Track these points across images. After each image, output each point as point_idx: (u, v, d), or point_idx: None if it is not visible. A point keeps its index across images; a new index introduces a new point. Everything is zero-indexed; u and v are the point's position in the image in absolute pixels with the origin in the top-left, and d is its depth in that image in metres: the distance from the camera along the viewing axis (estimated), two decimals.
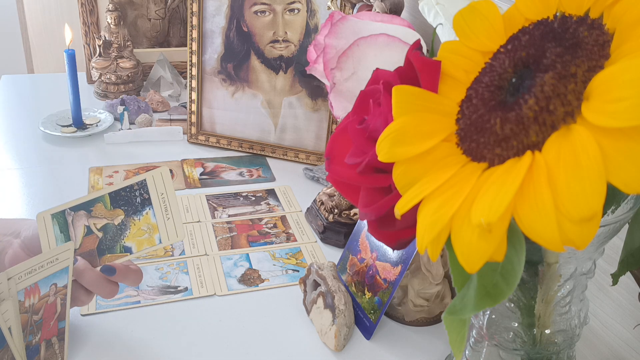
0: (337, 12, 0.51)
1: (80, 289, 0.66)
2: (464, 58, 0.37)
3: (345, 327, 0.73)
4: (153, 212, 0.66)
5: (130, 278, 0.66)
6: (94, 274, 0.64)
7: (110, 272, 0.65)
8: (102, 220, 0.66)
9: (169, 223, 0.66)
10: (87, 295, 0.66)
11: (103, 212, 0.66)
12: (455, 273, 0.34)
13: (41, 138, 1.20)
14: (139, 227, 0.66)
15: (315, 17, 1.10)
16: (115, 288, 0.66)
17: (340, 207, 0.93)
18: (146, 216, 0.66)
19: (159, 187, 0.66)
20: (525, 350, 0.50)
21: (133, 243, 0.66)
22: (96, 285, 0.65)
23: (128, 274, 0.66)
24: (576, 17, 0.32)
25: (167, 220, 0.66)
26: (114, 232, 0.66)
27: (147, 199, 0.66)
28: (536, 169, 0.28)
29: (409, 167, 0.34)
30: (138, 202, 0.66)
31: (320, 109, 1.13)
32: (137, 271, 0.67)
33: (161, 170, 0.66)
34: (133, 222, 0.66)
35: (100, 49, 1.35)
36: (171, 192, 0.66)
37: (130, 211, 0.66)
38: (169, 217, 0.66)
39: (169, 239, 0.66)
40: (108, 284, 0.65)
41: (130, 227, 0.66)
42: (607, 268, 0.67)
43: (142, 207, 0.66)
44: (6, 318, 0.58)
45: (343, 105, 0.50)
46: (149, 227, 0.66)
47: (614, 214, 0.40)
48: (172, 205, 0.66)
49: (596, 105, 0.28)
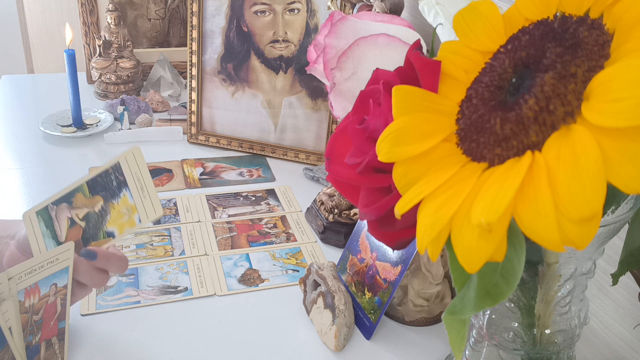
0: (337, 12, 0.51)
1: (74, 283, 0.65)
2: (464, 58, 0.37)
3: (345, 327, 0.73)
4: (130, 193, 0.65)
5: (114, 263, 0.65)
6: (82, 265, 0.64)
7: (91, 256, 0.64)
8: (83, 209, 0.66)
9: (146, 201, 0.65)
10: (80, 288, 0.66)
11: (83, 202, 0.66)
12: (455, 273, 0.34)
13: (41, 138, 1.20)
14: (118, 210, 0.65)
15: (315, 17, 1.10)
16: (105, 276, 0.65)
17: (340, 207, 0.93)
18: (124, 198, 0.65)
19: (132, 167, 0.65)
20: (525, 350, 0.50)
21: (115, 227, 0.65)
22: (83, 273, 0.64)
23: (111, 259, 0.65)
24: (576, 17, 0.32)
25: (144, 199, 0.65)
26: (95, 220, 0.66)
27: (122, 181, 0.65)
28: (536, 169, 0.28)
29: (409, 167, 0.34)
30: (115, 185, 0.65)
31: (320, 109, 1.13)
32: (121, 257, 0.66)
33: (133, 150, 0.65)
34: (112, 206, 0.65)
35: (100, 49, 1.35)
36: (145, 171, 0.65)
37: (108, 196, 0.65)
38: (145, 196, 0.65)
39: (148, 217, 0.65)
40: (96, 272, 0.64)
41: (110, 212, 0.65)
42: (607, 268, 0.67)
43: (119, 190, 0.65)
44: (6, 318, 0.58)
45: (343, 105, 0.50)
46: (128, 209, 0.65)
47: (614, 214, 0.40)
48: (147, 183, 0.65)
49: (596, 105, 0.28)
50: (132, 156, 0.65)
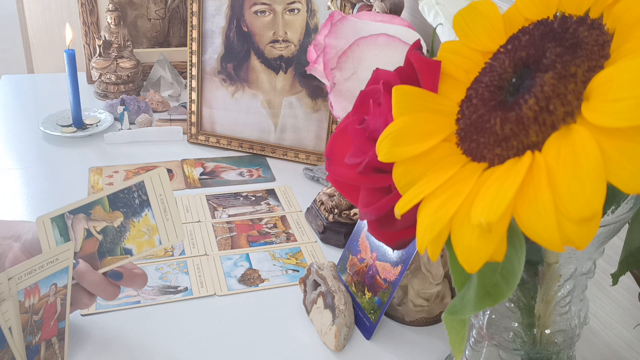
0: (337, 12, 0.51)
1: (82, 292, 0.66)
2: (464, 58, 0.37)
3: (345, 327, 0.73)
4: (152, 213, 0.66)
5: (136, 282, 0.67)
6: (96, 276, 0.65)
7: (118, 277, 0.65)
8: (101, 222, 0.66)
9: (168, 224, 0.66)
10: (89, 297, 0.67)
11: (102, 215, 0.66)
12: (455, 273, 0.34)
13: (41, 138, 1.20)
14: (138, 228, 0.66)
15: (315, 17, 1.10)
16: (117, 290, 0.66)
17: (340, 207, 0.93)
18: (145, 218, 0.66)
19: (157, 189, 0.66)
20: (525, 350, 0.50)
21: (133, 245, 0.66)
22: (98, 287, 0.65)
23: (134, 279, 0.66)
24: (576, 17, 0.32)
25: (167, 221, 0.65)
26: (113, 235, 0.66)
27: (145, 201, 0.66)
28: (536, 169, 0.28)
29: (409, 167, 0.34)
30: (137, 203, 0.66)
31: (320, 109, 1.13)
32: (142, 275, 0.67)
33: (159, 171, 0.66)
34: (132, 224, 0.66)
35: (100, 49, 1.35)
36: (169, 193, 0.66)
37: (129, 213, 0.66)
38: (168, 219, 0.65)
39: (169, 240, 0.66)
40: (110, 286, 0.65)
41: (130, 229, 0.66)
42: (607, 268, 0.67)
43: (141, 209, 0.66)
44: (6, 318, 0.58)
45: (343, 105, 0.50)
46: (149, 229, 0.66)
47: (614, 214, 0.40)
48: (170, 206, 0.66)
49: (596, 105, 0.28)
50: (158, 177, 0.66)
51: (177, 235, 0.66)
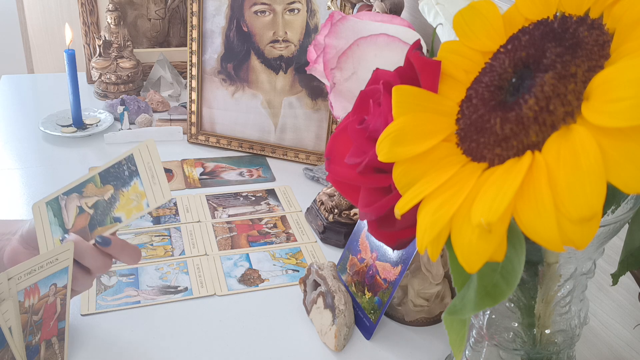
0: (337, 12, 0.51)
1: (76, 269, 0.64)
2: (464, 58, 0.37)
3: (345, 327, 0.73)
4: (140, 181, 0.66)
5: (127, 253, 0.65)
6: (84, 245, 0.63)
7: (106, 243, 0.63)
8: (93, 198, 0.67)
9: (155, 187, 0.65)
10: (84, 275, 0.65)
11: (94, 191, 0.67)
12: (455, 273, 0.34)
13: (41, 138, 1.20)
14: (127, 197, 0.66)
15: (315, 17, 1.10)
16: (109, 261, 0.65)
17: (340, 207, 0.93)
18: (134, 186, 0.66)
19: (145, 159, 0.66)
20: (525, 350, 0.50)
21: (122, 213, 0.66)
22: (89, 257, 0.63)
23: (125, 248, 0.65)
24: (576, 17, 0.32)
25: (154, 185, 0.65)
26: (104, 207, 0.66)
27: (134, 171, 0.66)
28: (536, 169, 0.28)
29: (409, 167, 0.34)
30: (126, 175, 0.66)
31: (320, 109, 1.13)
32: (134, 247, 0.66)
33: (147, 143, 0.66)
34: (122, 194, 0.66)
35: (100, 49, 1.35)
36: (157, 160, 0.66)
37: (119, 185, 0.66)
38: (155, 183, 0.65)
39: (156, 201, 0.65)
40: (100, 256, 0.64)
41: (119, 199, 0.66)
42: (607, 268, 0.67)
43: (130, 179, 0.66)
44: (6, 318, 0.58)
45: (343, 105, 0.50)
46: (137, 195, 0.65)
47: (614, 214, 0.40)
48: (158, 171, 0.66)
49: (596, 105, 0.28)
50: (146, 148, 0.66)
51: (164, 195, 0.65)
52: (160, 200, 0.65)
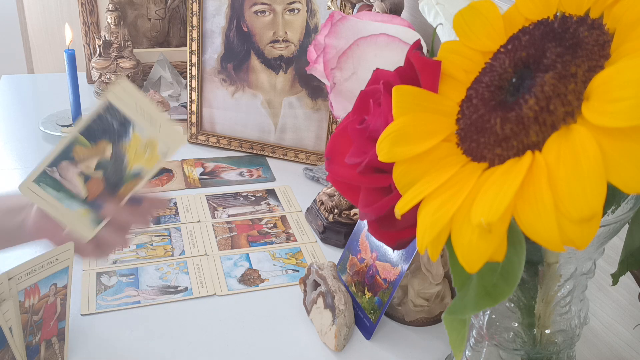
0: (337, 12, 0.51)
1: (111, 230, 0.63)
2: (464, 58, 0.37)
3: (345, 327, 0.73)
4: (138, 127, 0.60)
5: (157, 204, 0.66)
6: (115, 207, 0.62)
7: (138, 200, 0.62)
8: (91, 160, 0.61)
9: (162, 130, 0.60)
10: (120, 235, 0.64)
11: (86, 152, 0.61)
12: (455, 273, 0.34)
13: (41, 138, 1.20)
14: (135, 148, 0.61)
15: (315, 17, 1.10)
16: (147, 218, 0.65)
17: (340, 207, 0.93)
18: (135, 136, 0.60)
19: (128, 100, 0.59)
20: (525, 350, 0.50)
21: (140, 166, 0.61)
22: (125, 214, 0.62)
23: (155, 201, 0.65)
24: (576, 17, 0.32)
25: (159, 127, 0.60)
26: (112, 166, 0.61)
27: (124, 119, 0.60)
28: (536, 169, 0.28)
29: (409, 167, 0.34)
30: (116, 126, 0.60)
31: (320, 109, 1.13)
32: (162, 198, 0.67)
33: (120, 82, 0.59)
34: (125, 147, 0.61)
35: (100, 49, 1.35)
36: (142, 100, 0.59)
37: (114, 137, 0.60)
38: (157, 125, 0.60)
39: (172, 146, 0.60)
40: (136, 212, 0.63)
41: (126, 153, 0.61)
42: (607, 268, 0.67)
43: (124, 129, 0.60)
44: (7, 318, 0.58)
45: (343, 105, 0.50)
46: (145, 145, 0.61)
47: (614, 214, 0.40)
48: (152, 112, 0.60)
49: (596, 105, 0.28)
50: (122, 89, 0.59)
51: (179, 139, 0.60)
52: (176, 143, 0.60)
